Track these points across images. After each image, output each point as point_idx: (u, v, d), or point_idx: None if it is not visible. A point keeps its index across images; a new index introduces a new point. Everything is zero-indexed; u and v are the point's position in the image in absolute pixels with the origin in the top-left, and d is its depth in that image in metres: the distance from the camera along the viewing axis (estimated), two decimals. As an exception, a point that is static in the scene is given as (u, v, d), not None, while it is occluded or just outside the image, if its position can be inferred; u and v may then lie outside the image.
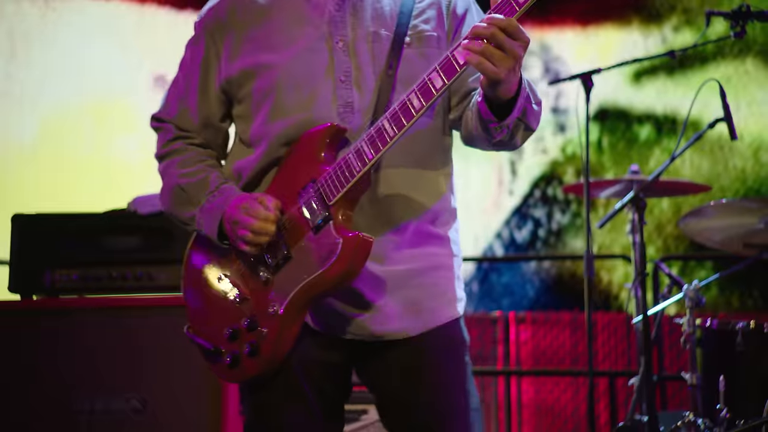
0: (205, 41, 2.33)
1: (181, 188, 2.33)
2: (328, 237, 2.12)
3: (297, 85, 2.23)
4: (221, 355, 2.23)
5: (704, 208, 4.12)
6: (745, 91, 6.82)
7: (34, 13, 7.17)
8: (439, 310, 2.31)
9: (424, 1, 2.32)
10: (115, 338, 3.64)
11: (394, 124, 2.03)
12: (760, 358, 3.64)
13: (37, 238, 3.83)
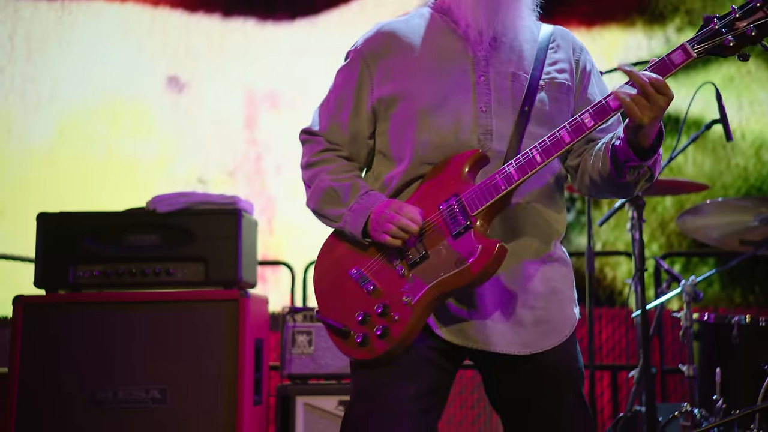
0: (360, 67, 2.58)
1: (334, 190, 2.54)
2: (468, 242, 2.35)
3: (442, 112, 2.48)
4: (351, 335, 2.45)
5: (701, 206, 4.24)
6: (747, 91, 6.86)
7: (51, 16, 7.22)
8: (560, 327, 2.55)
9: (558, 53, 2.57)
10: (135, 331, 3.85)
11: (543, 154, 2.30)
12: (755, 351, 3.74)
13: (61, 236, 3.99)
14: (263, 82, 7.33)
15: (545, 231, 2.53)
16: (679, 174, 6.68)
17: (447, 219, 2.40)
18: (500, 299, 2.50)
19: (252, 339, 4.00)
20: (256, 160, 7.22)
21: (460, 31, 2.52)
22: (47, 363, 3.86)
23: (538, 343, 2.46)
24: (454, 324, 2.47)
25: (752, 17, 2.26)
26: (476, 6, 2.45)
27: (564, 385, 2.54)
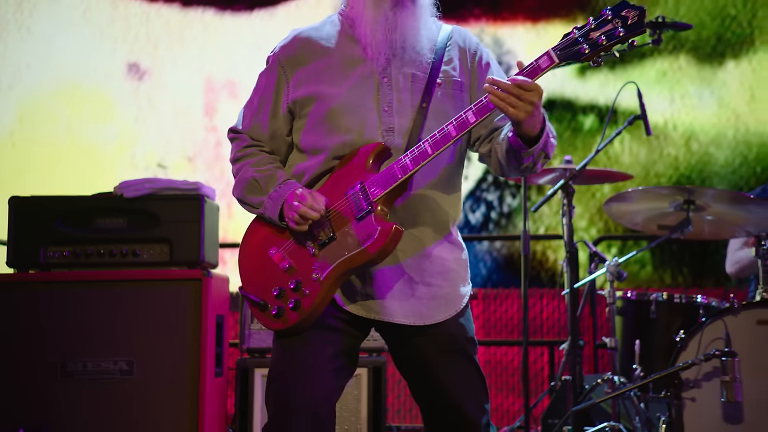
0: (278, 72, 2.78)
1: (256, 180, 2.75)
2: (369, 225, 2.58)
3: (349, 111, 2.69)
4: (267, 307, 2.67)
5: (625, 194, 4.48)
6: (678, 85, 6.93)
7: (10, 2, 7.21)
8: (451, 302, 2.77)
9: (454, 51, 2.78)
10: (104, 308, 3.99)
11: (433, 146, 2.52)
12: (670, 325, 4.11)
13: (33, 218, 4.13)
14: (222, 70, 7.35)
15: (441, 217, 2.77)
16: (616, 162, 6.88)
17: (352, 204, 2.62)
18: (400, 277, 2.73)
19: (214, 315, 4.10)
20: (215, 146, 7.23)
21: (360, 45, 2.75)
22: (20, 337, 3.98)
23: (432, 315, 2.70)
24: (358, 299, 2.71)
25: (604, 28, 2.46)
26: (375, 26, 2.68)
27: (457, 352, 2.77)
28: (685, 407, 3.81)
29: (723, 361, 3.69)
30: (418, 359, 2.79)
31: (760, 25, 6.92)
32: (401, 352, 2.82)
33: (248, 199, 2.77)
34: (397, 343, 2.81)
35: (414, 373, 2.82)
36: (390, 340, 2.85)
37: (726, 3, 6.94)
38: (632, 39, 2.50)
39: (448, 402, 2.80)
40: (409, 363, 2.82)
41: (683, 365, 3.76)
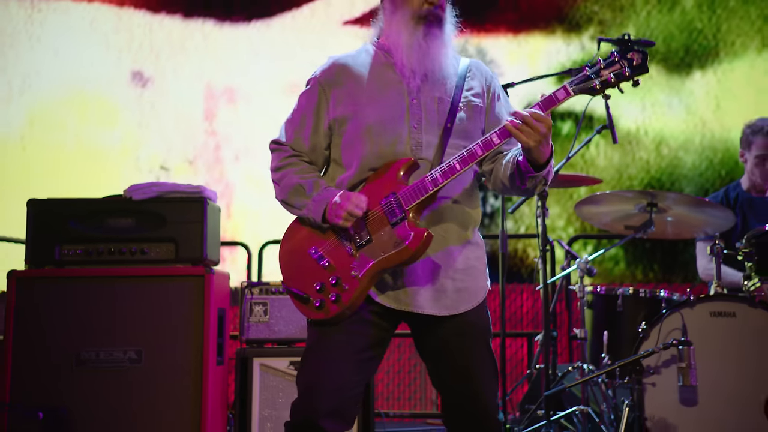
0: (318, 93, 2.98)
1: (301, 185, 2.92)
2: (403, 230, 2.76)
3: (383, 128, 2.89)
4: (310, 300, 2.85)
5: (594, 197, 4.58)
6: (650, 94, 7.03)
7: (21, 14, 7.25)
8: (473, 296, 2.95)
9: (473, 81, 2.98)
10: (114, 302, 4.11)
11: (461, 163, 2.73)
12: (635, 317, 4.22)
13: (49, 219, 4.24)
14: (221, 78, 7.36)
15: (465, 222, 2.94)
16: (592, 165, 6.97)
17: (386, 211, 2.78)
18: (428, 273, 2.87)
19: (215, 309, 4.18)
20: (215, 150, 7.26)
21: (397, 68, 2.92)
22: (37, 329, 4.09)
23: (456, 306, 2.86)
24: (390, 293, 2.86)
25: (612, 68, 2.70)
26: (410, 52, 2.85)
27: (476, 339, 2.94)
28: (645, 391, 3.96)
29: (680, 349, 3.83)
30: (441, 346, 2.94)
31: (724, 39, 6.97)
32: (427, 340, 2.98)
33: (292, 201, 2.92)
34: (425, 333, 2.96)
35: (437, 359, 2.97)
36: (417, 330, 2.99)
37: (693, 17, 7.01)
38: (637, 79, 2.77)
39: (470, 385, 2.95)
40: (433, 350, 2.96)
41: (644, 353, 3.91)
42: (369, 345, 2.90)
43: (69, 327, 4.10)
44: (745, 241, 4.23)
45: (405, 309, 2.84)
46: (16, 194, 5.69)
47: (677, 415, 3.99)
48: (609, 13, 7.23)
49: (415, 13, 2.87)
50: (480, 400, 2.93)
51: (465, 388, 2.93)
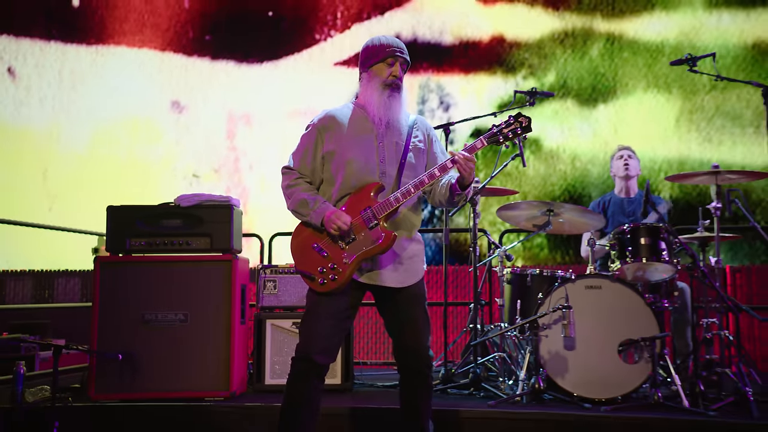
0: (316, 134, 3.29)
1: (305, 200, 3.23)
2: (377, 232, 3.12)
3: (359, 161, 3.21)
4: (315, 279, 3.18)
5: (510, 204, 4.76)
6: (566, 120, 7.14)
7: (88, 58, 7.42)
8: (415, 275, 3.27)
9: (418, 131, 3.33)
10: (168, 279, 4.46)
11: (415, 187, 3.12)
12: (538, 290, 4.49)
13: (121, 220, 4.58)
14: (240, 106, 7.42)
15: (411, 226, 3.30)
16: (523, 175, 7.07)
17: (365, 219, 3.11)
18: (390, 260, 3.21)
19: (239, 284, 4.50)
20: (234, 161, 7.34)
21: (370, 118, 3.23)
22: (114, 298, 4.45)
23: (405, 281, 3.23)
24: (365, 273, 3.18)
25: (510, 128, 3.13)
26: (379, 106, 3.20)
27: (417, 303, 3.29)
28: (540, 341, 4.28)
29: (563, 311, 4.18)
30: (396, 309, 3.26)
31: (620, 81, 7.06)
32: (386, 303, 3.28)
33: (300, 211, 3.23)
34: (384, 299, 3.28)
35: (392, 315, 3.29)
36: (379, 297, 3.29)
37: (598, 64, 7.08)
38: (525, 135, 3.20)
39: (411, 334, 3.26)
40: (390, 310, 3.29)
41: (539, 315, 4.27)
42: (347, 308, 3.22)
43: (136, 296, 4.43)
44: (612, 235, 4.51)
45: (374, 283, 3.18)
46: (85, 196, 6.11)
47: (561, 357, 4.28)
48: (536, 59, 7.24)
49: (384, 82, 3.21)
50: (418, 341, 3.25)
51: (408, 334, 3.25)
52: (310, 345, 3.16)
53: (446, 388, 4.66)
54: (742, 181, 4.53)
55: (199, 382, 4.40)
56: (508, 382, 4.51)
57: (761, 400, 4.08)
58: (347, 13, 7.34)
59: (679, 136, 6.77)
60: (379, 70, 3.24)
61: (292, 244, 3.30)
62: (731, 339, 4.32)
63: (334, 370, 4.68)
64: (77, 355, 5.34)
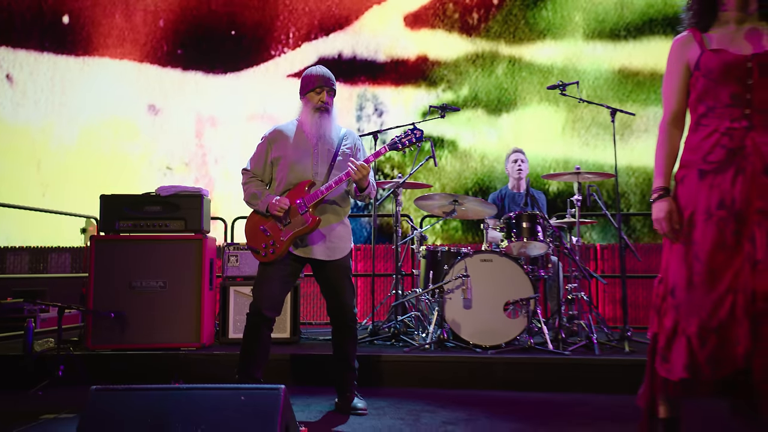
0: (267, 144, 3.49)
1: (256, 194, 3.45)
2: (307, 217, 3.34)
3: (298, 164, 3.41)
4: (260, 252, 3.39)
5: (424, 196, 4.91)
6: (477, 126, 7.23)
7: (76, 67, 7.37)
8: (342, 251, 3.47)
9: (347, 141, 3.51)
10: (150, 254, 4.63)
11: (335, 183, 3.30)
12: (446, 263, 4.70)
13: (112, 206, 4.75)
14: (207, 110, 7.38)
15: (339, 213, 3.52)
16: (443, 171, 7.13)
17: (299, 207, 3.35)
18: (320, 238, 3.42)
19: (209, 258, 4.69)
20: (202, 156, 7.30)
21: (305, 134, 3.45)
22: (107, 269, 4.60)
23: (333, 256, 3.45)
24: (299, 248, 3.41)
25: (407, 138, 3.38)
26: (311, 126, 3.44)
27: (343, 272, 3.50)
28: (445, 303, 4.53)
29: (463, 279, 4.48)
30: (326, 277, 3.48)
31: (520, 95, 7.18)
32: (320, 273, 3.49)
33: (252, 202, 3.46)
34: (318, 269, 3.49)
35: (324, 283, 3.50)
36: (314, 268, 3.50)
37: (502, 80, 7.18)
38: (419, 143, 3.43)
39: (338, 296, 3.48)
40: (323, 278, 3.50)
41: (445, 282, 4.51)
42: (288, 274, 3.46)
43: (124, 267, 4.59)
44: (501, 220, 4.81)
45: (308, 256, 3.43)
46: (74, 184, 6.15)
47: (462, 315, 4.52)
48: (453, 75, 7.31)
49: (315, 106, 3.46)
50: (344, 302, 3.50)
51: (337, 296, 3.51)
52: (259, 303, 3.39)
53: (373, 339, 4.92)
54: (596, 179, 4.92)
55: (176, 336, 4.54)
56: (421, 335, 4.74)
57: (603, 343, 4.56)
58: (298, 34, 7.31)
59: (564, 141, 6.95)
60: (311, 97, 3.47)
61: (245, 227, 3.50)
62: (586, 299, 4.78)
63: (285, 327, 4.85)
64: (71, 317, 5.52)
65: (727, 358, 2.17)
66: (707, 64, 2.33)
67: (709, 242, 2.25)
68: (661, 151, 2.42)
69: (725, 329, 2.18)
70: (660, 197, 2.38)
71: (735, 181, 2.26)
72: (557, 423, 3.38)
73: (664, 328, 2.31)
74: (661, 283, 2.38)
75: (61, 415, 3.51)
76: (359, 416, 3.47)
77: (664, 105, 2.45)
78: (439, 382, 4.24)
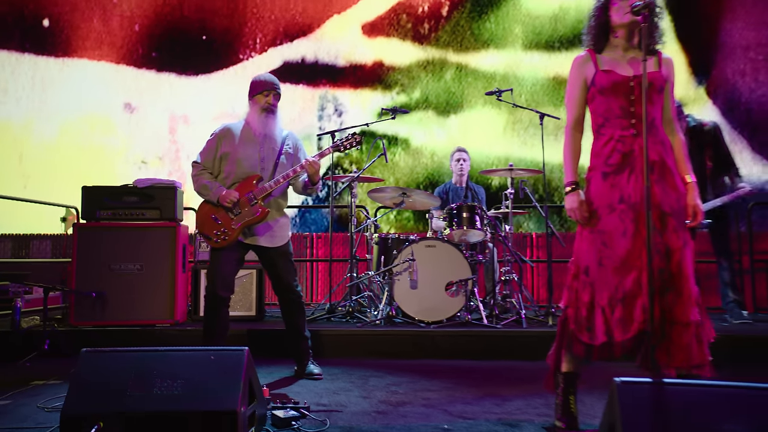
0: (217, 140, 3.56)
1: (206, 185, 3.52)
2: (256, 208, 3.43)
3: (245, 160, 3.49)
4: (212, 239, 3.49)
5: (377, 189, 5.05)
6: (428, 126, 7.31)
7: (56, 67, 7.34)
8: (283, 239, 3.61)
9: (289, 141, 3.59)
10: (128, 240, 4.74)
11: (283, 179, 3.40)
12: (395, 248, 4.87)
13: (93, 196, 4.83)
14: (179, 108, 7.38)
15: (280, 206, 3.63)
16: (396, 166, 7.28)
17: (248, 199, 3.44)
18: (265, 228, 3.53)
19: (181, 244, 4.83)
20: (175, 152, 7.34)
21: (253, 132, 3.52)
22: (88, 253, 4.71)
23: (276, 243, 3.58)
24: (248, 237, 3.51)
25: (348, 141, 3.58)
26: (258, 124, 3.53)
27: (286, 257, 3.63)
28: (394, 284, 4.75)
29: (409, 262, 4.70)
30: (271, 261, 3.62)
31: (466, 98, 7.30)
32: (265, 258, 3.66)
33: (203, 192, 3.57)
34: (263, 255, 3.64)
35: (270, 266, 3.66)
36: (259, 254, 3.65)
37: (450, 85, 7.29)
38: (358, 146, 3.60)
39: (282, 277, 3.62)
40: (268, 263, 3.66)
41: (394, 265, 4.73)
42: (237, 259, 3.58)
43: (105, 252, 4.70)
44: (444, 211, 5.04)
45: (254, 243, 3.56)
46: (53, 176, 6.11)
47: (408, 294, 4.73)
48: (406, 80, 7.41)
49: (262, 107, 3.57)
50: (288, 281, 3.64)
51: (281, 277, 3.64)
52: (214, 285, 3.52)
53: (330, 317, 5.14)
54: (527, 175, 5.22)
55: (152, 313, 4.67)
56: (372, 312, 4.95)
57: (531, 318, 4.87)
58: (264, 40, 7.36)
59: (505, 140, 7.12)
60: (259, 99, 3.59)
61: (197, 215, 3.55)
62: (516, 280, 5.11)
63: (251, 307, 5.03)
64: (54, 298, 5.59)
65: (631, 322, 2.47)
66: (600, 82, 2.64)
67: (614, 231, 2.55)
68: (567, 151, 2.74)
69: (629, 299, 2.48)
70: (572, 190, 2.67)
71: (629, 180, 2.57)
72: (487, 384, 3.69)
73: (583, 303, 2.58)
74: (573, 264, 2.67)
75: (50, 381, 3.68)
76: (314, 380, 3.69)
77: (567, 112, 2.76)
78: (387, 353, 4.44)
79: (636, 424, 1.72)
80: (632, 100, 2.58)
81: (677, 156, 2.66)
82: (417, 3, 7.29)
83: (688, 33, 6.85)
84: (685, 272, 2.48)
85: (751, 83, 6.80)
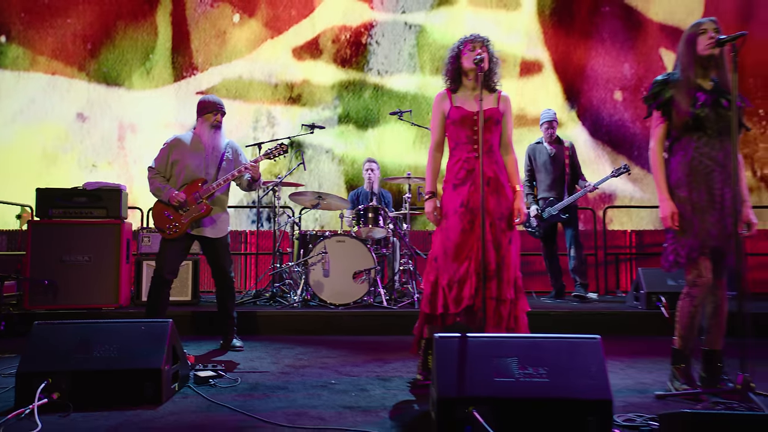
0: (169, 149, 3.75)
1: (159, 187, 3.71)
2: (202, 205, 3.67)
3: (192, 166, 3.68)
4: (165, 231, 3.67)
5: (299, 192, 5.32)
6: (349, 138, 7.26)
7: (13, 79, 7.24)
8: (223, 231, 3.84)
9: (230, 149, 3.80)
10: (78, 235, 4.89)
11: (224, 181, 3.63)
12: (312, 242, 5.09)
13: (46, 196, 4.98)
14: (128, 118, 7.34)
15: (223, 204, 3.88)
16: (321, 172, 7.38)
17: (195, 198, 3.71)
18: (210, 222, 3.78)
19: (126, 239, 5.02)
20: (124, 157, 7.30)
21: (202, 143, 3.76)
22: (41, 246, 4.84)
23: (218, 234, 3.82)
24: (195, 228, 3.78)
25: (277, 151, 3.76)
26: (207, 137, 3.78)
27: (224, 247, 3.87)
28: (310, 272, 4.99)
29: (323, 255, 4.97)
30: (212, 250, 3.85)
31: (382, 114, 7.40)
32: (207, 247, 3.87)
33: (157, 195, 3.76)
34: (206, 245, 3.86)
35: (210, 254, 3.88)
36: (203, 244, 3.86)
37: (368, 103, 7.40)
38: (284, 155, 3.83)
39: (220, 265, 3.87)
40: (209, 251, 3.87)
41: (310, 257, 4.97)
42: (183, 248, 3.84)
43: (57, 245, 4.85)
44: (354, 211, 5.32)
45: (200, 234, 3.81)
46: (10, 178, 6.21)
47: (322, 281, 5.00)
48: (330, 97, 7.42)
49: (211, 124, 3.87)
50: (225, 269, 3.90)
51: (219, 264, 3.90)
52: (162, 269, 3.80)
53: (255, 301, 5.41)
54: (423, 182, 5.54)
55: (99, 298, 4.85)
56: (292, 297, 5.23)
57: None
58: (206, 59, 7.48)
59: (414, 151, 7.31)
60: (208, 117, 3.91)
61: (152, 212, 3.85)
62: (412, 269, 5.49)
63: (187, 292, 5.25)
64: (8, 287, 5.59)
65: (463, 298, 2.94)
66: (453, 116, 3.10)
67: (455, 228, 3.00)
68: (429, 168, 3.20)
69: (462, 282, 2.94)
70: (429, 198, 3.13)
71: (470, 190, 3.04)
72: (375, 352, 4.11)
73: (429, 283, 3.05)
74: (430, 254, 3.14)
75: (5, 355, 3.90)
76: (236, 352, 4.02)
77: (431, 137, 3.21)
78: (301, 330, 4.75)
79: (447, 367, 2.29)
80: (475, 130, 3.03)
81: (509, 171, 3.16)
82: (341, 31, 7.48)
83: (563, 67, 7.36)
84: (507, 262, 2.99)
85: (610, 109, 7.38)
